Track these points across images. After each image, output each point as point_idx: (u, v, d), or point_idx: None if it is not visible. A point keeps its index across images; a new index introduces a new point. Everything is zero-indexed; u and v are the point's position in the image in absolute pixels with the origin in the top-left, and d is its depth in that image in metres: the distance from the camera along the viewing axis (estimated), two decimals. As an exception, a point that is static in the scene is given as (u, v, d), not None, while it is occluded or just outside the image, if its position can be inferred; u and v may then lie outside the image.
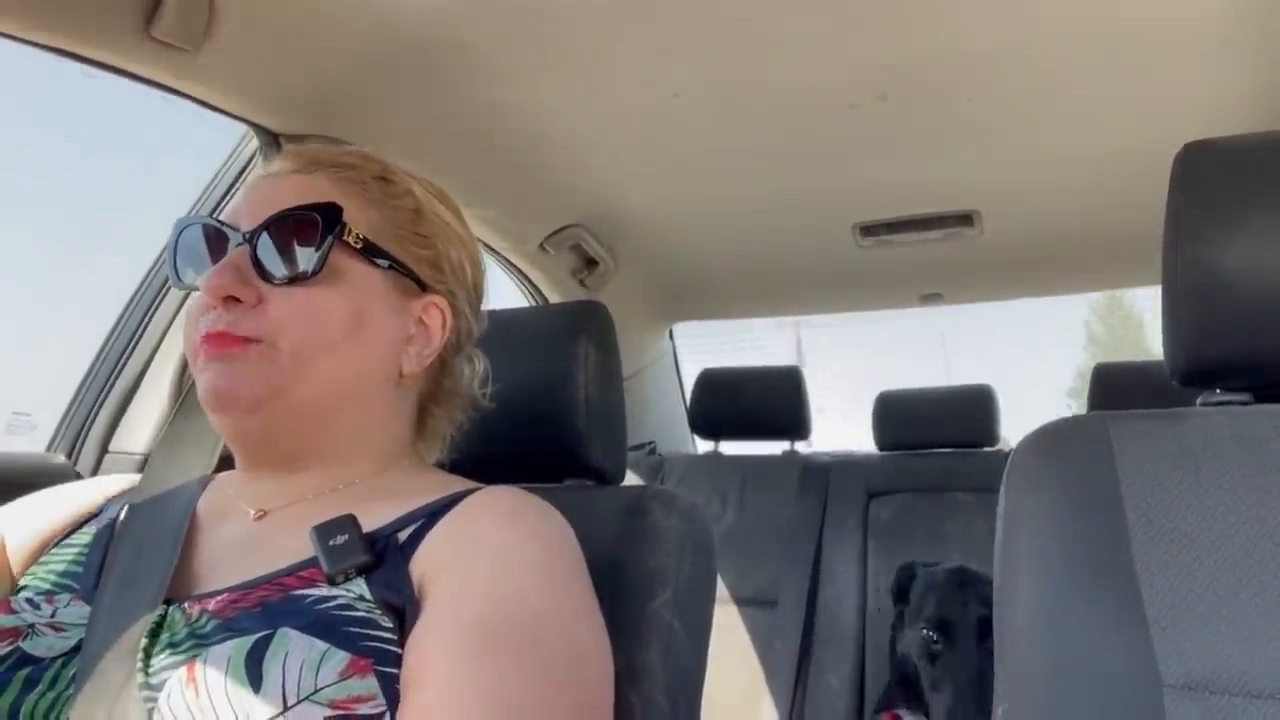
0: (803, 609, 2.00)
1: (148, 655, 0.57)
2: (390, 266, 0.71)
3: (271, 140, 1.26)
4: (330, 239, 0.67)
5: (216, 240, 0.69)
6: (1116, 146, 1.56)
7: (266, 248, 0.67)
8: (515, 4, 1.16)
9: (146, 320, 1.32)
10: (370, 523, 0.64)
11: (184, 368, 1.30)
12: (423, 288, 0.74)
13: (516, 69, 1.32)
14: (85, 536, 0.71)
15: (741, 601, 2.07)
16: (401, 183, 0.75)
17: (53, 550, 0.71)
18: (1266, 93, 1.36)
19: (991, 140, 1.57)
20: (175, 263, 0.71)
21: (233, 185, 1.33)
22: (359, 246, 0.69)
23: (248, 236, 0.67)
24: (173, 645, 0.57)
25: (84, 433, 1.30)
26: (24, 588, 0.67)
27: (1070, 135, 1.54)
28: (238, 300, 0.65)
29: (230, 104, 1.19)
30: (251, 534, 0.67)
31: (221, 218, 0.70)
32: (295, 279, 0.66)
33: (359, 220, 0.70)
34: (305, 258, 0.66)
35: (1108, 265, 2.18)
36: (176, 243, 0.71)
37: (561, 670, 0.57)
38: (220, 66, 1.11)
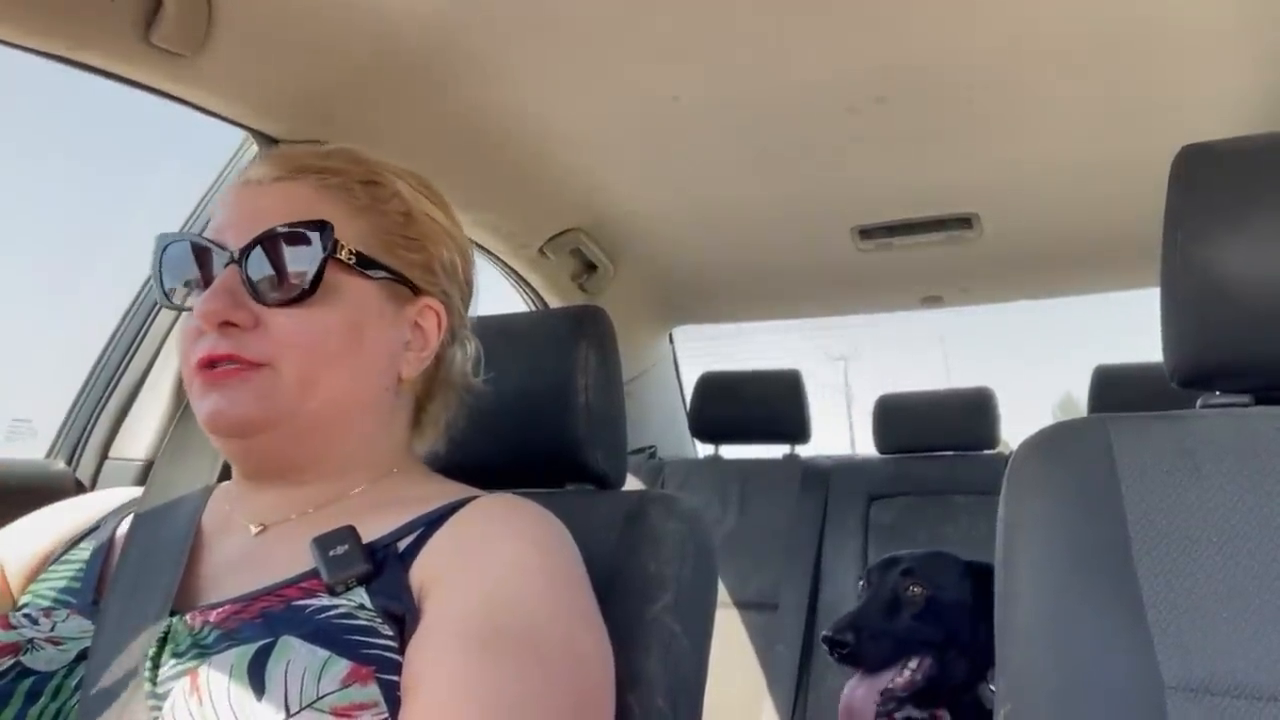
0: (804, 612, 2.00)
1: (154, 665, 0.57)
2: (383, 276, 0.70)
3: (271, 145, 1.26)
4: (324, 259, 0.65)
5: (203, 258, 0.67)
6: (1115, 148, 1.56)
7: (258, 267, 0.65)
8: (514, 8, 1.16)
9: (147, 326, 1.32)
10: (370, 533, 0.64)
11: (184, 373, 1.30)
12: (416, 291, 0.73)
13: (515, 73, 1.32)
14: (84, 552, 0.71)
15: (743, 605, 2.07)
16: (388, 184, 0.73)
17: (52, 567, 0.71)
18: (1265, 95, 1.36)
19: (990, 142, 1.57)
20: (162, 281, 0.69)
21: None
22: (351, 261, 0.68)
23: (236, 256, 0.65)
24: (176, 655, 0.58)
25: (84, 439, 1.30)
26: (24, 605, 0.68)
27: (1069, 137, 1.54)
28: (234, 324, 0.64)
29: (229, 109, 1.19)
30: (253, 546, 0.68)
31: (208, 233, 0.68)
32: (291, 301, 0.65)
33: (348, 231, 0.68)
34: (299, 278, 0.65)
35: (1107, 267, 2.18)
36: (161, 260, 0.69)
37: (562, 674, 0.57)
38: (219, 72, 1.11)
